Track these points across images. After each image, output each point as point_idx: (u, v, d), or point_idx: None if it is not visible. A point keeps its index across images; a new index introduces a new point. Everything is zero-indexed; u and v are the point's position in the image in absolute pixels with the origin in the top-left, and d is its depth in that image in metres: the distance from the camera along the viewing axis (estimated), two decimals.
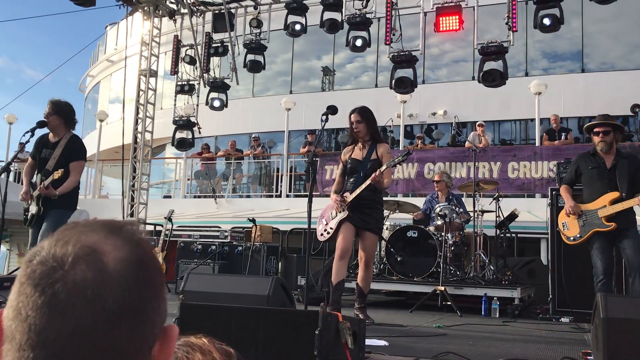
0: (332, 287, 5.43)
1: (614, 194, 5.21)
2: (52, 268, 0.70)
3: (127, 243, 0.75)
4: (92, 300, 0.68)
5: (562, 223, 5.59)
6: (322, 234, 5.63)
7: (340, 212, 5.43)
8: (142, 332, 0.72)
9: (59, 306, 0.68)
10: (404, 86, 9.09)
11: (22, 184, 6.04)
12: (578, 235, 5.39)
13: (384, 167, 5.25)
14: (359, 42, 9.26)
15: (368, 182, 5.26)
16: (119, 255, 0.73)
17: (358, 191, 5.35)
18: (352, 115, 5.57)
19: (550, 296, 6.62)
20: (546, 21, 8.24)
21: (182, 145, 11.42)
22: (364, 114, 5.57)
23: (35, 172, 5.67)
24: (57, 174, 5.28)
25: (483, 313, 6.82)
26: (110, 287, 0.70)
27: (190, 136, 11.39)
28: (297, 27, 9.93)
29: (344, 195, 5.47)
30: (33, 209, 5.52)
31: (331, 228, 5.47)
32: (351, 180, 5.53)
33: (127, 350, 0.71)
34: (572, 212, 5.40)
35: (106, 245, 0.73)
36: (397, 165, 5.36)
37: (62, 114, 5.57)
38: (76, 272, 0.69)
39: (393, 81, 9.06)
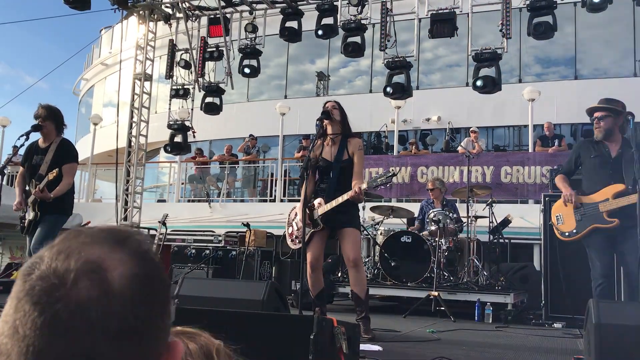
0: (313, 299, 5.13)
1: (619, 186, 4.59)
2: (52, 285, 0.65)
3: (133, 257, 0.70)
4: (96, 322, 0.64)
5: (557, 216, 4.92)
6: (292, 240, 5.30)
7: (312, 226, 4.94)
8: (147, 350, 0.69)
9: (60, 328, 0.64)
10: (398, 92, 9.12)
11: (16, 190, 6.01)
12: (574, 231, 4.75)
13: (364, 186, 4.81)
14: (353, 48, 9.28)
15: (346, 197, 4.81)
16: (124, 272, 0.68)
17: (334, 204, 4.87)
18: (327, 103, 5.19)
19: (543, 302, 6.64)
20: (540, 28, 8.29)
21: (176, 149, 11.40)
22: (339, 104, 5.23)
23: (27, 181, 5.66)
24: (51, 175, 5.26)
25: (476, 318, 6.84)
26: (115, 308, 0.66)
27: (184, 140, 11.38)
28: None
29: (319, 201, 4.98)
30: (30, 215, 5.49)
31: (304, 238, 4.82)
32: (324, 182, 5.10)
33: None
34: (570, 200, 4.75)
35: (111, 260, 0.68)
36: (380, 186, 4.88)
37: (55, 119, 5.58)
38: (79, 290, 0.65)
39: (387, 87, 9.10)
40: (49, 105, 5.59)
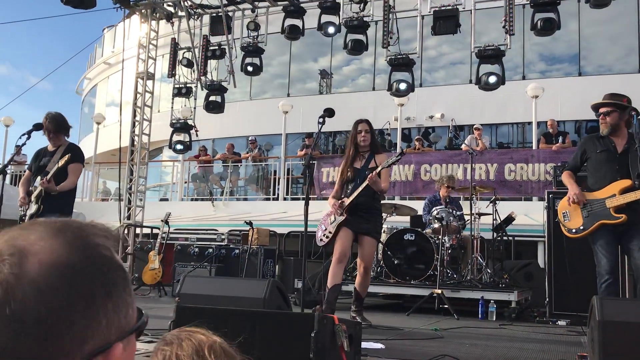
0: (328, 290, 5.42)
1: (626, 182, 4.51)
2: None
3: (65, 246, 0.67)
4: (1, 307, 0.62)
5: (563, 213, 4.84)
6: (321, 239, 5.65)
7: (338, 216, 5.48)
8: (58, 346, 0.64)
9: None
10: (402, 89, 9.09)
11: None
12: (581, 227, 4.67)
13: (379, 168, 5.34)
14: (355, 46, 9.25)
15: (365, 183, 5.32)
16: (47, 259, 0.66)
17: (356, 193, 5.41)
18: (359, 125, 5.68)
19: (547, 299, 6.61)
20: (543, 25, 8.25)
21: (179, 148, 11.40)
22: (370, 125, 5.74)
23: (33, 180, 5.74)
24: (62, 161, 5.37)
25: (480, 316, 6.82)
26: (21, 293, 0.63)
27: (187, 139, 11.39)
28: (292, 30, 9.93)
29: (342, 199, 5.53)
30: (32, 209, 5.58)
31: (330, 232, 5.49)
32: (350, 187, 5.60)
33: None
34: (576, 199, 4.67)
35: (36, 246, 0.66)
36: (392, 165, 5.40)
37: (63, 130, 5.72)
38: None
39: (390, 84, 9.07)
40: (54, 117, 5.65)
